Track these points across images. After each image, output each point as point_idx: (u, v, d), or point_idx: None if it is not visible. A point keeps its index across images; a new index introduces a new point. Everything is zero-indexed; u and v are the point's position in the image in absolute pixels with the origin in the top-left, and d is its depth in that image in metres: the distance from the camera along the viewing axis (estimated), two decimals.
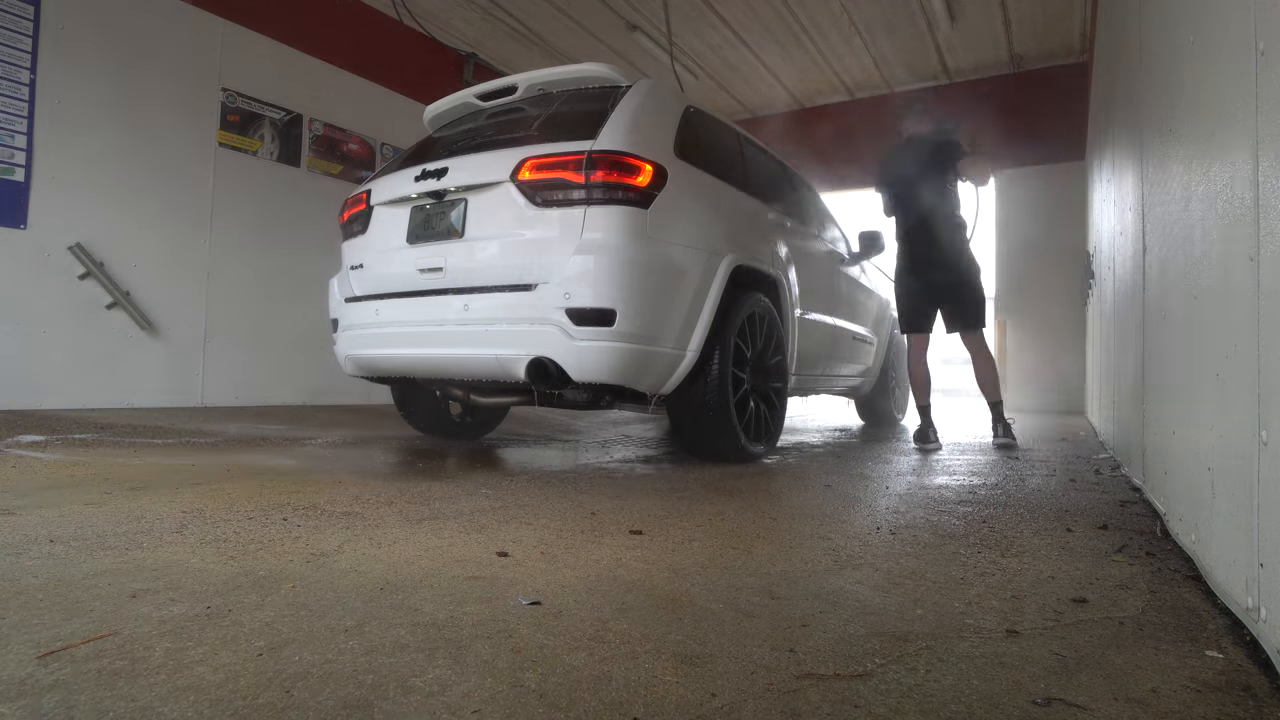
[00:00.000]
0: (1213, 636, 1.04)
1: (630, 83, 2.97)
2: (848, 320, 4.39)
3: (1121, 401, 3.00)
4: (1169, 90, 1.73)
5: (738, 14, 7.00)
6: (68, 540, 1.45)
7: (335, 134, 5.87)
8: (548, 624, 1.04)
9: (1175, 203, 1.63)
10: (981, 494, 2.29)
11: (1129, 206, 2.67)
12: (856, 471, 2.82)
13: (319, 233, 5.55)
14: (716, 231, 2.91)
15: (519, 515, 1.83)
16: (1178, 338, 1.60)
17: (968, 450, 3.72)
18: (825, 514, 1.94)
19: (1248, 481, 1.02)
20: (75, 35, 4.28)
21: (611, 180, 2.55)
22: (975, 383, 4.07)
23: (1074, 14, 6.94)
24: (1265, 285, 0.95)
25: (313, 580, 1.22)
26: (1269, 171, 0.94)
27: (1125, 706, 0.82)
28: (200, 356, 4.93)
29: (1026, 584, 1.29)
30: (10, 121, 4.01)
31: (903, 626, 1.06)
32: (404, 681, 0.83)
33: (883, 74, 8.43)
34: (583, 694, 0.81)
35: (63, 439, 3.14)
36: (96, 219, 4.38)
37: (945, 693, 0.84)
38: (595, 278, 2.49)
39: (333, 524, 1.67)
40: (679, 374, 2.72)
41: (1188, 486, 1.50)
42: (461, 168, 2.81)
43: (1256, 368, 0.98)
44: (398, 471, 2.64)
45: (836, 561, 1.43)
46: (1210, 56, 1.29)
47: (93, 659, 0.87)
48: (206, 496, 1.98)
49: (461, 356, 2.73)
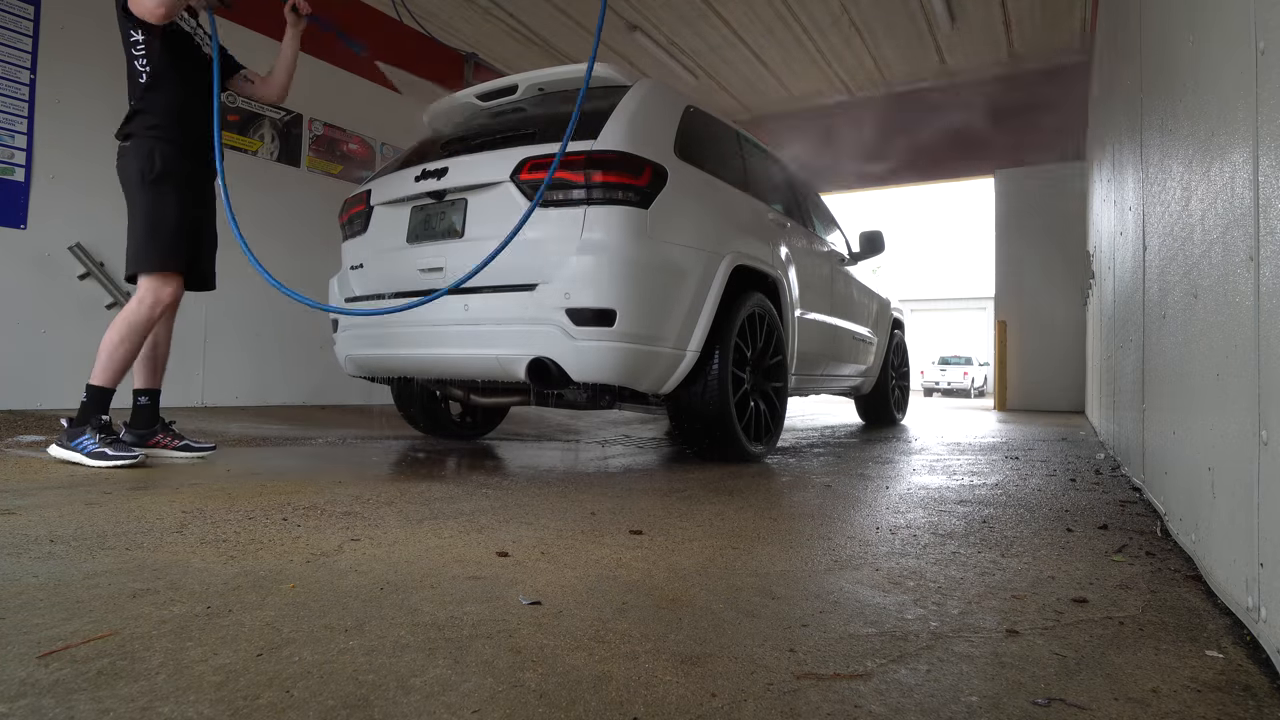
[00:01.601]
0: (1213, 636, 1.04)
1: (630, 83, 2.97)
2: (848, 320, 4.39)
3: (1121, 401, 3.00)
4: (1169, 90, 1.73)
5: (738, 14, 6.99)
6: (68, 540, 1.45)
7: (335, 134, 5.87)
8: (548, 624, 1.04)
9: (1175, 203, 1.63)
10: (981, 494, 2.29)
11: (1129, 206, 2.67)
12: (856, 471, 2.82)
13: (319, 232, 5.55)
14: (716, 231, 2.90)
15: (519, 515, 1.83)
16: (1178, 338, 1.60)
17: (968, 450, 3.72)
18: (825, 514, 1.94)
19: (1248, 481, 1.02)
20: (75, 35, 4.28)
21: (612, 180, 2.55)
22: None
23: (1074, 14, 6.94)
24: (1265, 285, 0.95)
25: (313, 580, 1.22)
26: (1269, 171, 0.94)
27: (1125, 706, 0.82)
28: (200, 356, 4.93)
29: (1026, 584, 1.29)
30: (10, 121, 4.01)
31: (903, 626, 1.06)
32: (404, 681, 0.83)
33: (883, 74, 8.43)
34: (583, 694, 0.81)
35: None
36: (97, 219, 4.37)
37: (945, 693, 0.84)
38: (595, 278, 2.49)
39: (333, 524, 1.67)
40: (679, 374, 2.72)
41: (1188, 486, 1.50)
42: (462, 168, 2.81)
43: (1256, 368, 0.98)
44: (398, 471, 2.64)
45: (836, 561, 1.43)
46: (1210, 56, 1.29)
47: (93, 659, 0.87)
48: (206, 496, 1.98)
49: (461, 356, 2.73)
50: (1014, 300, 8.47)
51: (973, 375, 23.42)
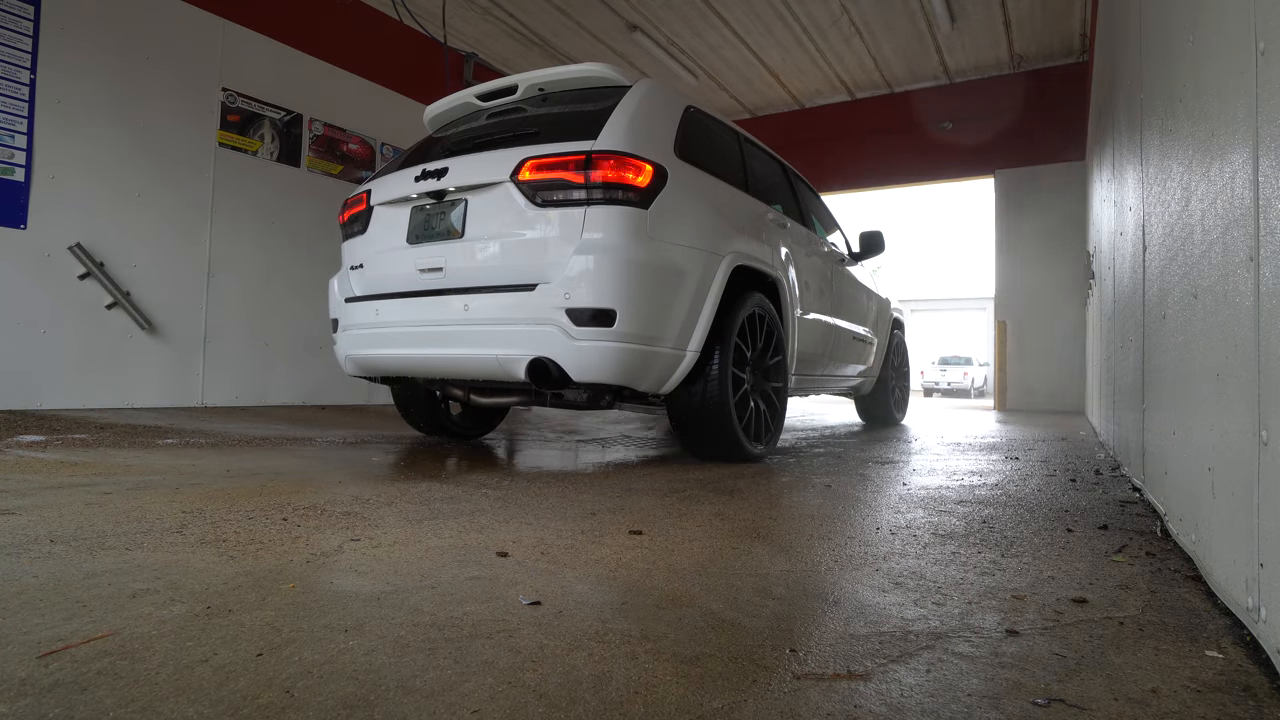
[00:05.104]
0: (1213, 636, 1.04)
1: (630, 83, 2.97)
2: (848, 320, 4.39)
3: (1121, 401, 3.00)
4: (1169, 90, 1.73)
5: (738, 14, 7.00)
6: (68, 540, 1.45)
7: (335, 134, 5.87)
8: (548, 624, 1.04)
9: (1175, 203, 1.63)
10: (981, 494, 2.29)
11: (1129, 206, 2.67)
12: (856, 471, 2.82)
13: (319, 233, 5.56)
14: (716, 232, 2.91)
15: (519, 515, 1.83)
16: (1178, 338, 1.60)
17: (968, 450, 3.72)
18: (825, 514, 1.94)
19: (1248, 481, 1.02)
20: (75, 35, 4.28)
21: (611, 180, 2.55)
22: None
23: (1074, 14, 6.94)
24: (1265, 285, 0.95)
25: (313, 580, 1.22)
26: (1269, 171, 0.94)
27: (1125, 706, 0.82)
28: (200, 356, 4.93)
29: (1027, 584, 1.29)
30: (10, 121, 4.01)
31: (903, 626, 1.06)
32: (404, 681, 0.83)
33: (883, 74, 8.43)
34: (583, 694, 0.81)
35: (63, 439, 3.14)
36: (96, 219, 4.38)
37: (945, 693, 0.84)
38: (595, 278, 2.49)
39: (333, 524, 1.67)
40: (679, 374, 2.72)
41: (1188, 486, 1.50)
42: (461, 168, 2.81)
43: (1256, 368, 0.98)
44: (398, 471, 2.64)
45: (836, 561, 1.43)
46: (1210, 56, 1.29)
47: (93, 659, 0.87)
48: (206, 496, 1.98)
49: (461, 357, 2.73)
50: (1014, 300, 8.47)
51: (973, 375, 23.43)
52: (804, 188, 4.33)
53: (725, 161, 3.25)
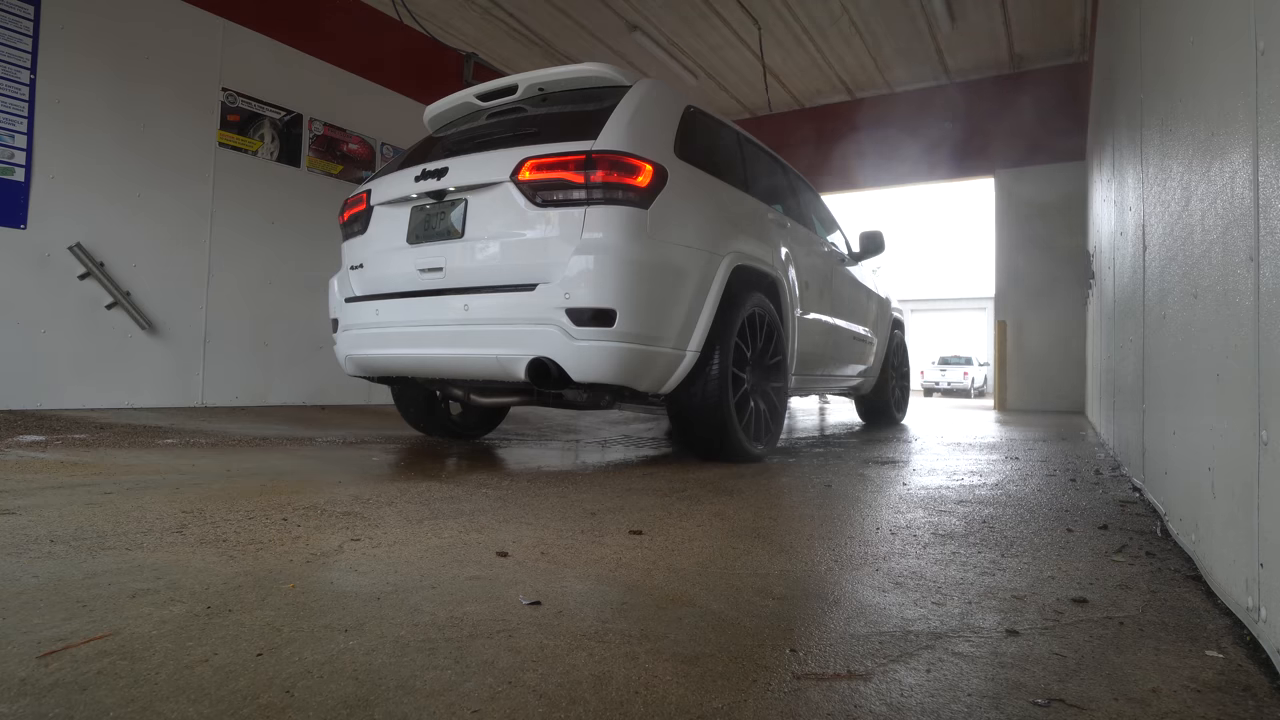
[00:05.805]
0: (1213, 636, 1.04)
1: (630, 82, 2.97)
2: (848, 320, 4.39)
3: (1121, 402, 3.00)
4: (1169, 90, 1.73)
5: (738, 14, 7.00)
6: (68, 540, 1.45)
7: (335, 134, 5.87)
8: (548, 624, 1.04)
9: (1175, 202, 1.63)
10: (981, 494, 2.29)
11: (1129, 206, 2.67)
12: (856, 471, 2.82)
13: (319, 233, 5.55)
14: (716, 232, 2.91)
15: (519, 515, 1.83)
16: (1178, 338, 1.60)
17: (968, 450, 3.72)
18: (825, 514, 1.94)
19: (1248, 481, 1.02)
20: (75, 35, 4.28)
21: (612, 180, 2.55)
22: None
23: (1074, 14, 6.94)
24: (1265, 285, 0.95)
25: (313, 580, 1.22)
26: (1269, 171, 0.94)
27: (1125, 706, 0.82)
28: (200, 356, 4.93)
29: (1027, 584, 1.29)
30: (10, 121, 4.01)
31: (903, 626, 1.06)
32: (404, 681, 0.83)
33: (883, 74, 8.43)
34: (583, 694, 0.81)
35: (63, 439, 3.14)
36: (96, 219, 4.38)
37: (945, 693, 0.84)
38: (595, 278, 2.49)
39: (333, 524, 1.67)
40: (679, 374, 2.72)
41: (1188, 486, 1.50)
42: (461, 168, 2.81)
43: (1256, 368, 0.98)
44: (398, 471, 2.64)
45: (837, 561, 1.43)
46: (1210, 56, 1.29)
47: (93, 659, 0.87)
48: (206, 496, 1.98)
49: (462, 357, 2.73)
50: (1014, 300, 8.47)
51: (973, 375, 23.42)
52: (804, 187, 4.33)
53: (725, 161, 3.25)
